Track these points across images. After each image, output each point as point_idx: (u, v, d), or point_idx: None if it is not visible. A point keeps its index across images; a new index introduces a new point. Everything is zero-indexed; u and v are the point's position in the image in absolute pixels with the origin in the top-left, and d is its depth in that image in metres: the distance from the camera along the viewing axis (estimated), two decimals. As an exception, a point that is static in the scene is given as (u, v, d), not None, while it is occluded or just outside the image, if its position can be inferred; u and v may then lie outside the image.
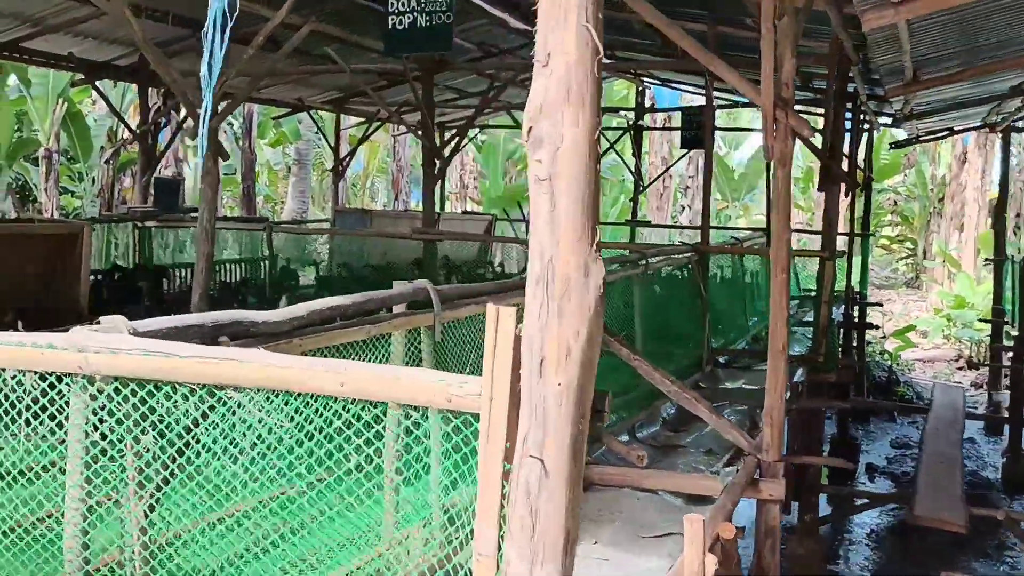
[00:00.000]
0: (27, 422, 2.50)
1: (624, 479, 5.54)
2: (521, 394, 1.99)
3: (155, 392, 2.39)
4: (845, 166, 10.38)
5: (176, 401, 2.36)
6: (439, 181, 16.78)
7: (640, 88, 18.39)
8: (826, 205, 9.23)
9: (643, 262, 7.71)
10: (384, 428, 2.33)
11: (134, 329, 2.60)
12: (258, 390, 2.28)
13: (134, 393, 2.41)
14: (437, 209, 27.81)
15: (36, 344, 2.40)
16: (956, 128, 16.38)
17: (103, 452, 2.47)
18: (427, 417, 2.27)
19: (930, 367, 20.99)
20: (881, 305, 19.80)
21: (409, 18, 6.27)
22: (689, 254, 9.30)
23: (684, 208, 32.76)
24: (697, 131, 13.89)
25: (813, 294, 16.15)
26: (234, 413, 2.33)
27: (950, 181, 30.03)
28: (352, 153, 16.99)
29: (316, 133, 29.34)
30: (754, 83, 5.28)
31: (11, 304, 8.75)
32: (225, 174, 21.87)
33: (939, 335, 22.90)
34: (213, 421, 2.38)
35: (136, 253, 11.76)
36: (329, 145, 17.73)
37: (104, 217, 11.81)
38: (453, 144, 10.70)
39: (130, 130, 12.17)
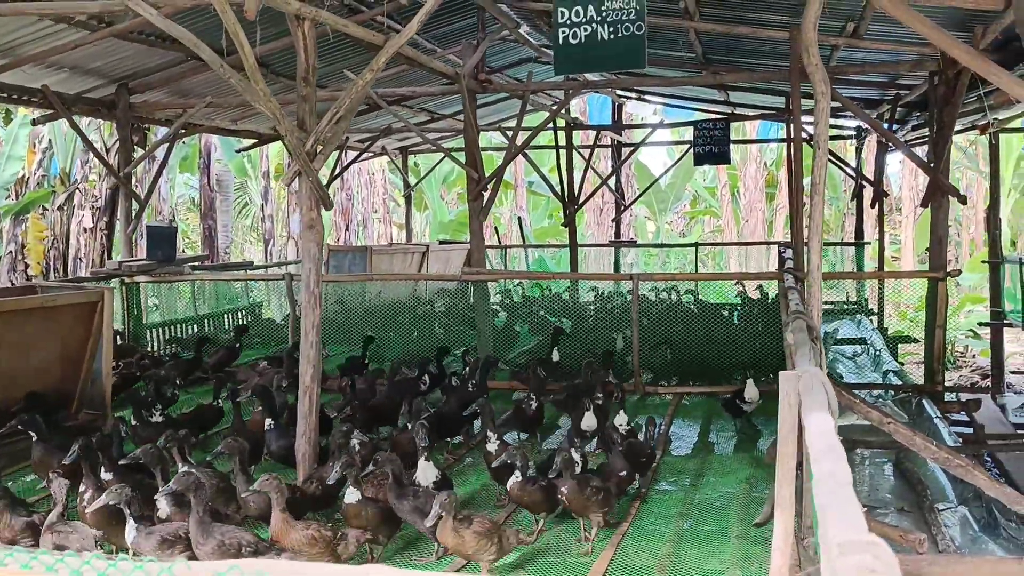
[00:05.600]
0: None
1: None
2: None
3: None
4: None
5: None
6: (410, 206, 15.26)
7: (617, 103, 17.64)
8: (934, 221, 8.56)
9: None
10: None
11: None
12: None
13: None
14: (410, 238, 26.06)
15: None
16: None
17: None
18: None
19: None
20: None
21: (586, 30, 5.19)
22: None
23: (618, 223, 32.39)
24: (714, 146, 13.15)
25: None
26: None
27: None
28: (329, 183, 15.56)
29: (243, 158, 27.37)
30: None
31: (24, 390, 7.22)
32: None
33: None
34: None
35: (125, 314, 10.15)
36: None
37: (92, 275, 10.14)
38: (493, 178, 9.51)
39: (112, 172, 10.48)
